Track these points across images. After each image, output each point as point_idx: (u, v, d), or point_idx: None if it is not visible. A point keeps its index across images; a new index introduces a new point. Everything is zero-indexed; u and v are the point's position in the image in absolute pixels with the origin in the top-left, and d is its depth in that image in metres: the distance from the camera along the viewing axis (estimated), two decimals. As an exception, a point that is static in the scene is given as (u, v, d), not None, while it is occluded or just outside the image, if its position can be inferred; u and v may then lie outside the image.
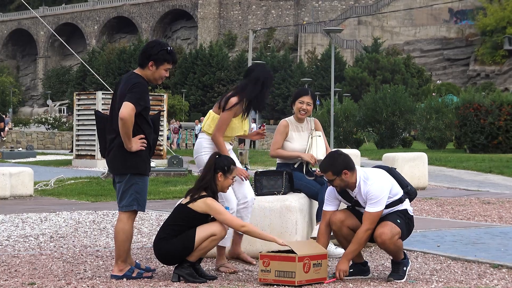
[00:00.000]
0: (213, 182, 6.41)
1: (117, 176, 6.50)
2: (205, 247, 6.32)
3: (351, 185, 6.48)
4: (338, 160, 6.46)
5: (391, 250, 6.42)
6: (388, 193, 6.43)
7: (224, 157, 6.55)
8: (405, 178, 6.77)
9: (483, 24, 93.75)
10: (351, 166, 6.44)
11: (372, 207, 6.37)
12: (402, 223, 6.46)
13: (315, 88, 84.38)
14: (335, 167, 6.41)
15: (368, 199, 6.39)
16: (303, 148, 7.88)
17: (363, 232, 6.38)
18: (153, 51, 6.46)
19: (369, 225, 6.37)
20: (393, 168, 6.73)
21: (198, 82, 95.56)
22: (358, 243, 6.41)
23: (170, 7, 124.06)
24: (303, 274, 6.13)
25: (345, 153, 6.57)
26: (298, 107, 7.88)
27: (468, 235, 9.36)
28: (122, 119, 6.22)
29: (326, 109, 46.01)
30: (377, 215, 6.39)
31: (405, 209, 6.54)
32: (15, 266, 7.03)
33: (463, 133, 35.26)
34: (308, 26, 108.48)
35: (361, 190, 6.43)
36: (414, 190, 6.72)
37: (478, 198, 14.45)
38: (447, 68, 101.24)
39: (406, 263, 6.53)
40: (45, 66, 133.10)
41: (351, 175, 6.44)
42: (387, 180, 6.50)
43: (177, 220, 6.36)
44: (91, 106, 26.60)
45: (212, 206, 6.30)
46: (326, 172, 6.45)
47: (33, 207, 12.83)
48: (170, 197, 14.35)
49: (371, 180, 6.43)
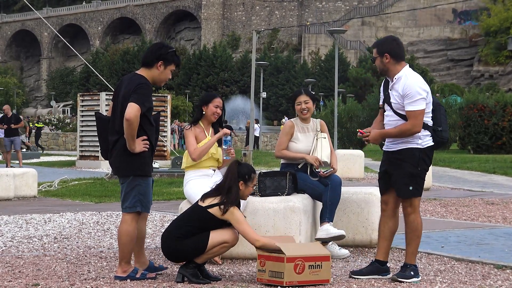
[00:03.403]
0: (237, 192, 6.39)
1: (120, 178, 6.50)
2: (215, 252, 6.34)
3: (390, 73, 6.45)
4: (387, 42, 6.50)
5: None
6: (425, 96, 6.33)
7: (244, 166, 6.54)
8: (446, 122, 6.62)
9: (487, 24, 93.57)
10: (396, 54, 6.43)
11: (412, 106, 6.29)
12: (414, 185, 6.38)
13: (319, 88, 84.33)
14: (380, 47, 6.47)
15: (406, 97, 6.31)
16: (308, 149, 7.88)
17: (408, 125, 6.30)
18: (163, 51, 6.47)
19: (414, 121, 6.28)
20: (442, 107, 6.61)
21: (202, 83, 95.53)
22: (399, 131, 6.34)
23: (174, 8, 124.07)
24: (294, 275, 6.08)
25: (400, 42, 6.59)
26: (298, 108, 7.93)
27: (472, 236, 9.35)
28: (128, 120, 6.20)
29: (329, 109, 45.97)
30: (420, 113, 6.28)
31: (423, 148, 6.41)
32: (19, 267, 7.03)
33: (467, 133, 35.26)
34: (311, 27, 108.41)
35: (401, 81, 6.37)
36: (446, 136, 6.56)
37: (482, 199, 14.44)
38: (451, 69, 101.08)
39: (415, 270, 6.46)
40: (49, 67, 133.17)
41: (394, 64, 6.43)
42: (426, 88, 6.38)
43: (193, 221, 6.34)
44: (94, 107, 26.63)
45: (233, 215, 6.29)
46: (373, 47, 6.57)
47: (37, 208, 12.84)
48: (173, 198, 14.36)
49: (414, 78, 6.37)
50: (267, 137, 54.15)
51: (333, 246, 7.73)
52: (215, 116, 7.54)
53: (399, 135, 6.36)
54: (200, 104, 7.63)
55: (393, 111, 6.44)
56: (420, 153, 6.40)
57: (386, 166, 6.55)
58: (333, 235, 7.47)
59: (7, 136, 24.01)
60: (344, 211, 8.23)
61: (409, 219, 6.46)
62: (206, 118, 7.56)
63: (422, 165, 6.42)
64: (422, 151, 6.41)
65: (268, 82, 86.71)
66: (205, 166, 7.51)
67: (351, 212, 8.24)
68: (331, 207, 7.62)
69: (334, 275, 6.62)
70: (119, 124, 6.36)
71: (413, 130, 6.31)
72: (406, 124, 6.32)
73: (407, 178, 6.38)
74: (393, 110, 6.44)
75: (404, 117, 6.36)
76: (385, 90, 6.56)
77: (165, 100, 27.88)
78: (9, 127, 23.88)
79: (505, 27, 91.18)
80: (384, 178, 6.59)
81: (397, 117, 6.42)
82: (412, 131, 6.31)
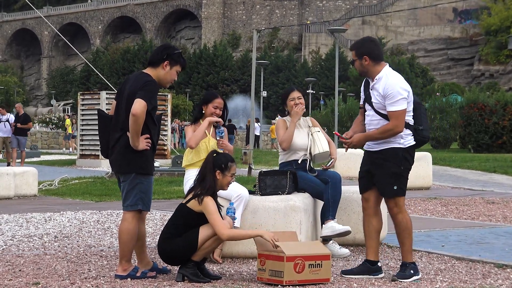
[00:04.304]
0: (212, 181, 6.39)
1: (122, 176, 6.49)
2: (209, 246, 6.30)
3: (370, 74, 6.45)
4: (365, 44, 6.50)
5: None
6: (406, 96, 6.33)
7: (221, 155, 6.54)
8: (427, 121, 6.61)
9: (487, 23, 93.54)
10: (375, 56, 6.43)
11: (393, 106, 6.30)
12: (398, 184, 6.38)
13: (320, 88, 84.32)
14: (358, 49, 6.46)
15: (387, 98, 6.32)
16: (304, 143, 7.90)
17: (390, 125, 6.31)
18: (169, 51, 6.48)
19: (395, 121, 6.28)
20: (422, 106, 6.62)
21: (202, 82, 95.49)
22: (382, 132, 6.35)
23: (174, 7, 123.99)
24: (294, 274, 6.09)
25: (378, 43, 6.61)
26: (291, 104, 7.93)
27: (472, 235, 9.35)
28: (135, 115, 6.19)
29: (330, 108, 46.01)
30: (402, 113, 6.29)
31: (405, 148, 6.42)
32: (19, 266, 7.04)
33: (467, 133, 35.24)
34: (312, 26, 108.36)
35: (381, 81, 6.37)
36: (427, 135, 6.56)
37: (483, 198, 14.43)
38: (451, 68, 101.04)
39: (414, 268, 6.46)
40: (49, 66, 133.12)
41: (373, 65, 6.43)
42: (406, 87, 6.37)
43: (179, 219, 6.36)
44: (95, 106, 26.61)
45: (205, 204, 6.26)
46: (351, 50, 6.55)
47: (37, 207, 12.84)
48: (174, 197, 14.36)
49: (395, 78, 6.37)
50: (268, 136, 54.12)
51: (333, 245, 7.73)
52: (213, 116, 7.54)
53: (382, 136, 6.38)
54: (201, 103, 7.63)
55: (375, 110, 6.46)
56: (402, 152, 6.42)
57: (368, 166, 6.57)
58: (339, 231, 7.48)
59: (15, 134, 24.14)
60: (345, 210, 8.23)
61: (397, 219, 6.47)
62: (205, 118, 7.55)
63: (405, 165, 6.45)
64: (405, 150, 6.44)
65: (268, 81, 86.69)
66: None
67: (351, 211, 8.24)
68: (333, 205, 7.63)
69: (335, 274, 6.62)
70: (123, 121, 6.35)
71: (396, 130, 6.33)
72: (388, 124, 6.34)
73: (391, 178, 6.41)
74: (374, 109, 6.47)
75: (386, 116, 6.39)
76: (365, 90, 6.59)
77: (165, 99, 27.88)
78: (15, 126, 24.00)
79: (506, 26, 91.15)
80: (366, 177, 6.60)
81: (378, 116, 6.45)
82: (395, 131, 6.33)
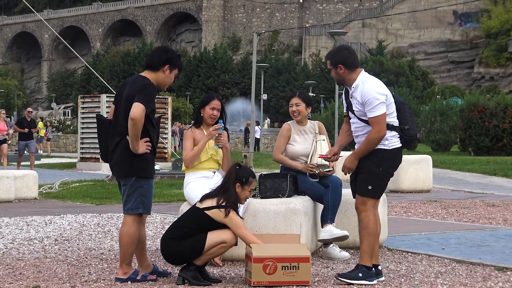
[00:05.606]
0: (236, 194, 6.40)
1: (122, 179, 6.49)
2: (213, 252, 6.33)
3: (347, 82, 6.49)
4: (339, 53, 6.51)
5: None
6: (384, 100, 6.34)
7: (244, 169, 6.54)
8: (412, 120, 6.61)
9: (487, 26, 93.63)
10: (350, 64, 6.45)
11: (372, 113, 6.32)
12: (373, 185, 6.39)
13: (320, 90, 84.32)
14: (333, 59, 6.51)
15: (365, 104, 6.35)
16: (306, 151, 7.91)
17: (373, 132, 6.33)
18: (170, 55, 6.49)
19: (377, 127, 6.31)
20: (406, 105, 6.62)
21: (203, 85, 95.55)
22: (367, 142, 6.36)
23: (175, 10, 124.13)
24: (264, 276, 6.12)
25: (353, 50, 6.62)
26: (290, 111, 8.02)
27: (473, 238, 9.35)
28: (133, 119, 6.19)
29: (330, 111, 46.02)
30: (382, 117, 6.31)
31: (389, 150, 6.42)
32: (19, 269, 7.04)
33: (467, 135, 35.25)
34: (312, 29, 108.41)
35: (358, 89, 6.40)
36: (414, 133, 6.55)
37: (483, 201, 14.43)
38: (452, 71, 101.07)
39: (366, 273, 6.32)
40: (50, 69, 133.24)
41: (349, 73, 6.45)
42: (383, 91, 6.39)
43: (190, 223, 6.34)
44: (95, 109, 26.65)
45: (233, 218, 6.29)
46: (326, 59, 6.61)
47: (37, 210, 12.85)
48: (174, 200, 14.36)
49: (370, 84, 6.38)
50: (268, 139, 54.13)
51: (333, 248, 7.73)
52: (212, 119, 7.52)
53: (370, 146, 6.39)
54: (199, 106, 7.64)
55: (357, 118, 6.50)
56: (384, 153, 6.42)
57: (356, 169, 6.58)
58: (336, 236, 7.48)
59: (24, 140, 23.93)
60: (345, 213, 8.24)
61: (360, 216, 6.47)
62: (204, 120, 7.56)
63: (385, 166, 6.43)
64: (387, 152, 6.43)
65: (268, 84, 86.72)
66: (205, 168, 7.50)
67: (351, 214, 8.23)
68: (333, 209, 7.64)
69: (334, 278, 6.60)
70: (122, 125, 6.36)
71: (380, 135, 6.35)
72: (371, 132, 6.36)
73: (368, 177, 6.42)
74: (357, 117, 6.51)
75: (368, 122, 6.42)
76: (346, 98, 6.62)
77: (165, 102, 27.88)
78: (29, 131, 23.92)
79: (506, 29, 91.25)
80: (355, 181, 6.62)
81: (362, 123, 6.48)
82: (380, 136, 6.35)
